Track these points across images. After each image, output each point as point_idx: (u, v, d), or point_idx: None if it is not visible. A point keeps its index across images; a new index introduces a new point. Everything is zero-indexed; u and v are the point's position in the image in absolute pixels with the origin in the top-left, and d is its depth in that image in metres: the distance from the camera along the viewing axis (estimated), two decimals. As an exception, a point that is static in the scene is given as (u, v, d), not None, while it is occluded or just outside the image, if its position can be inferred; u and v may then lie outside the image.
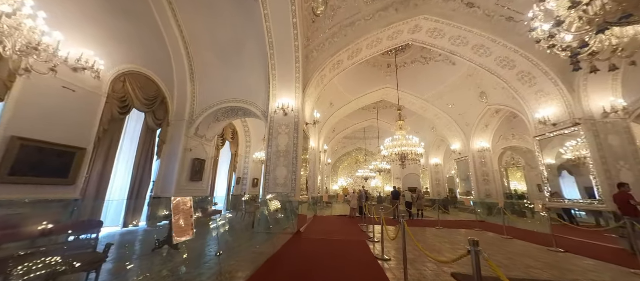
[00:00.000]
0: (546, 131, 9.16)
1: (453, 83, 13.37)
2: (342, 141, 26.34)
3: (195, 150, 9.35)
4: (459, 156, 14.88)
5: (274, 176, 8.01)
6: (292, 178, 7.91)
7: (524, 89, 9.64)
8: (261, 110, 8.96)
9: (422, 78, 14.14)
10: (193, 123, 9.17)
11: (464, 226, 10.11)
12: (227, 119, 10.10)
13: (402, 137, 11.53)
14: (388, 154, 11.65)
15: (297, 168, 7.98)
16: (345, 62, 9.99)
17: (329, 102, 14.41)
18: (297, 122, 8.39)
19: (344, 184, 29.83)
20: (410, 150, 10.99)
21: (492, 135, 13.65)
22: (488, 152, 13.59)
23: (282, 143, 8.26)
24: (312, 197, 13.43)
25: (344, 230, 8.52)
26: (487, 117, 13.03)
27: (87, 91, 6.04)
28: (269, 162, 8.16)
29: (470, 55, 10.07)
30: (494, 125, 13.32)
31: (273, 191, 7.89)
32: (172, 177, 8.47)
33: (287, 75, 8.48)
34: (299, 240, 6.66)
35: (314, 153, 14.15)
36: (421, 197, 12.52)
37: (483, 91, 12.39)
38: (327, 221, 10.91)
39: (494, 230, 9.07)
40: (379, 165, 17.52)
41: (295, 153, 8.10)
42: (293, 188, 7.83)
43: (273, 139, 8.34)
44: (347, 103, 15.17)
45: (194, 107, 9.21)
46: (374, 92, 15.15)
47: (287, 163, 8.06)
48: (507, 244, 6.81)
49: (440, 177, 19.17)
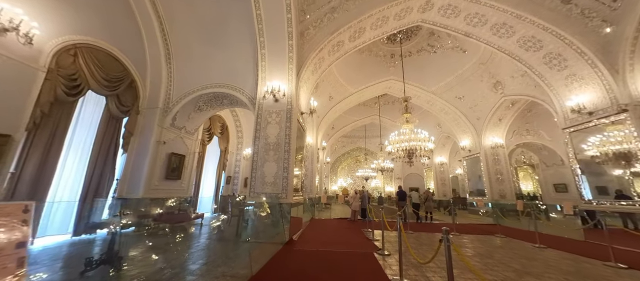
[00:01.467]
0: (580, 121, 7.74)
1: (463, 73, 11.97)
2: (341, 140, 24.92)
3: (171, 143, 7.86)
4: (469, 153, 13.46)
5: (261, 173, 6.53)
6: (284, 176, 6.44)
7: (551, 74, 8.24)
8: (249, 96, 7.49)
9: (428, 68, 12.74)
10: (169, 111, 7.68)
11: (481, 231, 8.65)
12: (210, 109, 8.61)
13: (409, 130, 10.11)
14: (393, 150, 10.21)
15: (289, 164, 6.51)
16: (346, 43, 8.56)
17: (327, 94, 12.97)
18: (290, 109, 6.93)
19: (343, 184, 28.35)
20: (419, 145, 9.55)
21: (505, 130, 12.23)
22: (501, 148, 12.17)
23: (272, 134, 6.79)
24: (309, 197, 11.95)
25: (345, 238, 7.04)
26: (501, 109, 11.62)
27: (13, 61, 4.55)
28: (256, 156, 6.68)
29: (488, 36, 8.67)
30: (509, 118, 11.91)
31: (260, 191, 6.41)
32: (140, 174, 6.97)
33: (278, 54, 7.03)
34: (289, 252, 5.17)
35: (311, 150, 12.69)
36: (430, 197, 11.06)
37: (498, 80, 10.99)
38: (325, 225, 9.43)
39: (516, 236, 7.63)
40: (381, 163, 16.08)
41: (287, 147, 6.64)
42: (284, 188, 6.35)
43: (261, 129, 6.88)
44: (348, 96, 13.73)
45: (170, 92, 7.72)
46: (376, 84, 13.72)
47: (278, 158, 6.59)
48: (547, 257, 5.35)
49: (445, 177, 17.75)
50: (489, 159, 12.25)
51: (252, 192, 6.42)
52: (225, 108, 8.91)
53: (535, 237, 6.60)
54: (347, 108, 15.08)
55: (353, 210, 10.90)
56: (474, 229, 9.00)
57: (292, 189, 6.47)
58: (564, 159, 12.92)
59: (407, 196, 11.04)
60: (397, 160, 10.78)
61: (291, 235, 6.36)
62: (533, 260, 5.08)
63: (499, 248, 6.08)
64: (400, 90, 14.05)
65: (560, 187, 13.07)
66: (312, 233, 7.58)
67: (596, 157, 7.40)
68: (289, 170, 6.46)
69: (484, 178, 12.16)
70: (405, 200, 10.90)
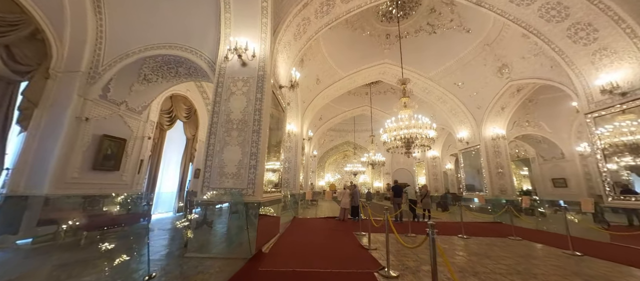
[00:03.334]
0: (609, 104, 6.42)
1: (465, 56, 10.53)
2: (329, 133, 23.21)
3: (103, 122, 5.72)
4: (466, 146, 12.15)
5: (219, 161, 4.61)
6: (251, 166, 4.55)
7: (574, 49, 6.87)
8: (208, 60, 5.49)
9: (426, 51, 11.20)
10: (97, 78, 5.52)
11: (492, 232, 7.23)
12: (163, 81, 6.50)
13: (408, 116, 8.52)
14: (389, 139, 8.59)
15: (259, 149, 4.64)
16: (337, 5, 6.74)
17: (315, 76, 11.12)
18: (262, 76, 5.03)
19: (331, 180, 26.76)
20: (419, 133, 7.98)
21: (507, 120, 10.99)
22: (503, 139, 10.93)
23: (236, 108, 4.87)
24: (292, 193, 10.12)
25: (333, 246, 5.28)
26: (505, 96, 10.32)
27: None
28: (213, 138, 4.74)
29: (503, 4, 7.16)
30: (512, 107, 10.64)
31: (217, 185, 4.49)
32: (48, 161, 4.82)
33: (247, 2, 5.09)
34: (250, 277, 3.34)
35: (295, 140, 10.84)
36: (427, 193, 9.57)
37: (504, 63, 9.63)
38: (309, 226, 7.65)
39: (537, 239, 6.24)
40: (372, 156, 14.51)
41: (258, 125, 4.75)
42: (251, 182, 4.48)
43: (222, 102, 4.93)
44: (338, 80, 11.95)
45: (99, 52, 5.55)
46: (369, 68, 12.04)
47: (243, 140, 4.69)
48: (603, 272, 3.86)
49: (438, 171, 16.53)
50: (489, 151, 10.97)
51: (205, 187, 4.49)
52: (184, 80, 6.83)
53: (561, 241, 5.19)
54: (336, 96, 13.31)
55: (342, 208, 9.21)
56: (482, 230, 7.56)
57: (262, 183, 4.60)
58: (565, 152, 11.96)
59: (403, 191, 9.50)
60: (393, 151, 9.18)
61: (260, 245, 4.52)
62: (576, 276, 3.57)
63: (531, 258, 4.58)
64: (395, 76, 12.49)
65: (559, 182, 12.12)
66: (291, 238, 5.77)
67: (618, 145, 6.14)
68: (259, 158, 4.59)
69: (484, 172, 10.88)
70: (401, 196, 9.34)
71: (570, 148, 11.70)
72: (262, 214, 4.66)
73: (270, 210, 5.26)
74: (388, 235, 3.98)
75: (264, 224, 4.80)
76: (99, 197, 5.75)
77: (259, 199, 4.40)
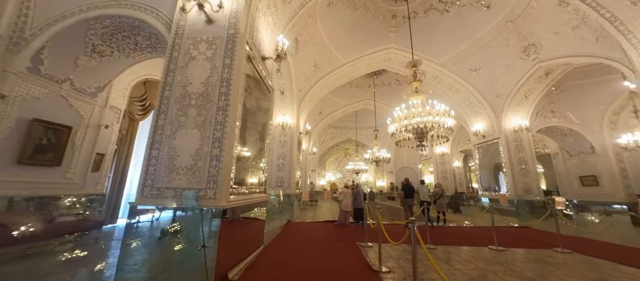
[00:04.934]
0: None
1: (482, 37, 9.03)
2: (330, 130, 21.82)
3: (32, 103, 4.35)
4: (483, 140, 10.64)
5: (169, 151, 3.21)
6: (214, 156, 3.14)
7: (635, 12, 5.37)
8: (166, 20, 4.09)
9: (438, 33, 9.72)
10: (24, 45, 4.15)
11: (526, 240, 5.75)
12: (119, 53, 5.12)
13: (420, 102, 7.11)
14: (397, 131, 7.18)
15: (226, 133, 3.22)
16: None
17: (312, 62, 9.70)
18: (234, 36, 3.62)
19: (332, 179, 25.33)
20: (435, 122, 6.56)
21: (531, 109, 9.47)
22: (526, 131, 9.41)
23: (197, 78, 3.47)
24: (287, 194, 8.71)
25: (331, 266, 3.85)
26: (530, 82, 8.79)
27: None
28: (162, 118, 3.33)
29: (541, -40, 5.68)
30: (537, 94, 9.11)
31: (164, 184, 3.10)
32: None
33: (214, -62, 3.68)
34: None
35: (290, 134, 9.43)
36: (443, 193, 8.08)
37: (532, 42, 8.12)
38: (303, 234, 6.23)
39: (585, 249, 4.75)
40: (376, 152, 13.05)
41: (225, 101, 3.33)
42: (213, 179, 3.06)
43: (177, 70, 3.53)
44: (338, 67, 10.52)
45: (26, 11, 4.19)
46: (373, 53, 10.60)
47: (204, 121, 3.28)
48: None
49: (447, 169, 15.00)
50: (511, 145, 9.46)
51: (147, 187, 3.09)
52: (150, 56, 5.44)
53: (629, 255, 3.71)
54: (337, 86, 11.87)
55: (343, 210, 7.77)
56: (514, 238, 6.06)
57: (228, 181, 3.18)
58: (596, 146, 10.40)
59: (415, 192, 8.04)
60: (403, 144, 7.74)
61: (225, 270, 3.11)
62: None
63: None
64: (401, 63, 11.02)
65: (589, 179, 10.54)
66: (276, 254, 4.35)
67: None
68: (226, 145, 3.17)
69: (506, 168, 9.36)
70: (412, 197, 7.88)
71: (602, 142, 10.13)
72: (231, 222, 3.26)
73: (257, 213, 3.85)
74: (415, 253, 2.54)
75: (233, 238, 3.39)
76: (35, 199, 4.40)
77: (223, 204, 2.99)
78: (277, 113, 9.43)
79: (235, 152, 3.39)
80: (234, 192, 3.32)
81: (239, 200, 3.47)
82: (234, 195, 3.32)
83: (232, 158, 3.29)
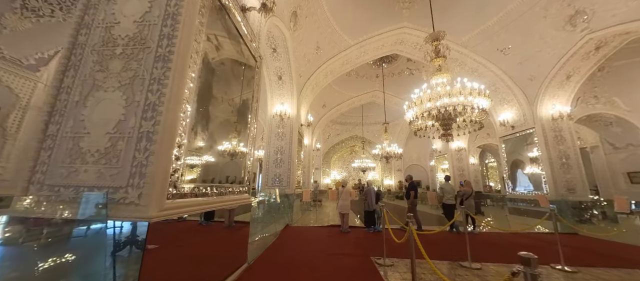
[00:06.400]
0: None
1: (515, 9, 7.52)
2: (335, 127, 20.51)
3: None
4: (512, 131, 9.12)
5: (75, 125, 1.95)
6: (145, 134, 1.87)
7: None
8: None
9: (458, 9, 8.26)
10: None
11: (598, 255, 4.29)
12: (65, 14, 3.93)
13: (446, 81, 5.79)
14: (416, 117, 5.86)
15: (165, 95, 1.93)
16: None
17: (314, 42, 8.38)
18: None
19: (338, 178, 24.01)
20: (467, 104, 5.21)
21: (573, 93, 7.92)
22: (567, 119, 7.87)
23: (129, 14, 2.19)
24: (286, 194, 7.44)
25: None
26: (575, 59, 7.26)
27: None
28: (70, 75, 2.07)
29: None
30: (583, 74, 7.56)
31: (62, 180, 1.84)
32: None
33: None
34: None
35: (290, 125, 8.15)
36: (472, 193, 6.63)
37: (579, 9, 6.58)
38: (302, 243, 4.93)
39: None
40: (386, 147, 11.63)
41: (169, 47, 2.05)
42: (138, 172, 1.79)
43: (100, 4, 2.28)
44: (344, 49, 9.18)
45: None
46: (384, 33, 9.22)
47: (133, 77, 2.00)
48: None
49: (464, 165, 13.46)
50: (549, 136, 7.93)
51: (35, 186, 1.84)
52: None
53: None
54: (343, 72, 10.53)
55: (340, 213, 6.39)
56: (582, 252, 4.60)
57: (166, 173, 1.90)
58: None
59: (416, 189, 6.70)
60: (422, 134, 6.39)
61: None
62: None
63: None
64: (416, 45, 9.63)
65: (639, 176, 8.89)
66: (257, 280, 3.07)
67: None
68: (165, 116, 1.90)
69: (544, 164, 7.85)
70: (417, 196, 6.57)
71: (657, 132, 8.51)
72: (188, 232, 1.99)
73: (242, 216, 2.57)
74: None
75: (186, 261, 2.11)
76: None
77: (151, 213, 1.71)
78: (274, 102, 8.17)
79: (183, 129, 2.10)
80: (178, 194, 2.02)
81: (189, 205, 2.17)
82: (179, 198, 2.03)
83: (176, 135, 2.01)
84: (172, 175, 1.96)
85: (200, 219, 2.55)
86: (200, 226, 2.61)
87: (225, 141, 2.96)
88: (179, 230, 2.22)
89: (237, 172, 3.27)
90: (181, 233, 2.26)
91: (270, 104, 8.20)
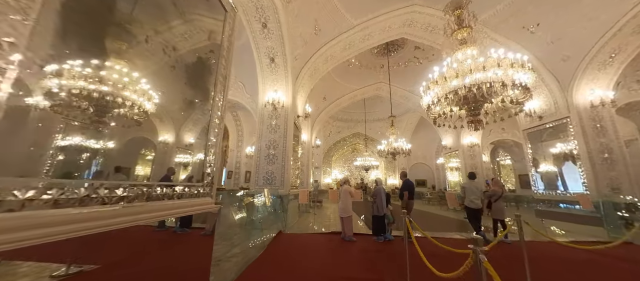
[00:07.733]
0: None
1: (547, -24, 6.34)
2: (336, 124, 19.34)
3: None
4: (538, 122, 7.90)
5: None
6: None
7: None
8: None
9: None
10: None
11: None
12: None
13: (476, 54, 4.64)
14: (437, 99, 4.69)
15: None
16: None
17: (312, 21, 7.22)
18: None
19: (339, 177, 22.80)
20: (503, 80, 4.01)
21: (616, 76, 6.69)
22: (609, 107, 6.64)
23: None
24: (279, 194, 6.27)
25: None
26: (622, 34, 6.02)
27: None
28: None
29: None
30: (630, 53, 6.33)
31: None
32: None
33: None
34: None
35: (284, 115, 6.99)
36: (502, 194, 5.42)
37: (633, -31, 5.38)
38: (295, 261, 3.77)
39: None
40: (393, 143, 10.44)
41: None
42: None
43: None
44: (346, 30, 8.01)
45: None
46: (392, 12, 8.03)
47: None
48: None
49: (477, 163, 12.24)
50: (587, 127, 6.71)
51: None
52: None
53: None
54: (343, 59, 9.35)
55: (342, 217, 5.24)
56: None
57: None
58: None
59: (412, 188, 5.57)
60: (442, 121, 5.24)
61: None
62: None
63: None
64: (427, 26, 8.44)
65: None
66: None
67: None
68: None
69: (581, 159, 6.63)
70: (413, 197, 5.49)
71: None
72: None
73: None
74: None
75: None
76: None
77: None
78: (266, 88, 7.02)
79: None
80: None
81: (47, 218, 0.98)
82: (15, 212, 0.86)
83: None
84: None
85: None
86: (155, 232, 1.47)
87: (157, 108, 1.78)
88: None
89: (187, 163, 2.11)
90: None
91: (262, 91, 7.06)
